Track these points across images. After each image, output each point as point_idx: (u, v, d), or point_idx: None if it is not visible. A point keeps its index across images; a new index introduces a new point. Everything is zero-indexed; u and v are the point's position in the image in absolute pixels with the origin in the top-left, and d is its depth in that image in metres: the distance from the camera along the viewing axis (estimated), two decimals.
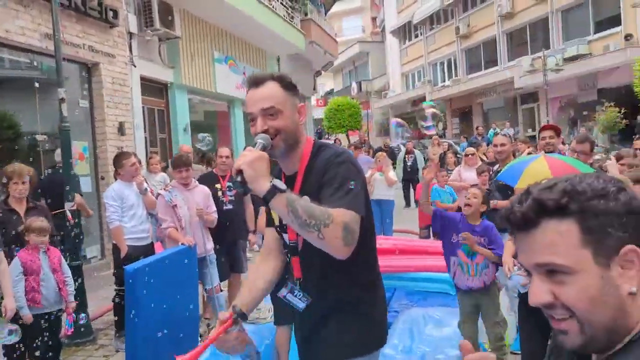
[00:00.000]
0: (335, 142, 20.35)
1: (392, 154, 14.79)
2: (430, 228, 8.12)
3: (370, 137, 32.39)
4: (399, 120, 9.67)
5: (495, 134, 16.63)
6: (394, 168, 13.52)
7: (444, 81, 30.23)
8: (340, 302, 1.97)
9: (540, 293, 0.92)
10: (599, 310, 0.89)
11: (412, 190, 13.20)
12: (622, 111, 17.14)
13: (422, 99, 30.60)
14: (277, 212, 1.78)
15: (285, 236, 2.01)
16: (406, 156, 13.19)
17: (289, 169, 1.97)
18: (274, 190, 1.69)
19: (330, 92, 42.77)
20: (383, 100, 35.87)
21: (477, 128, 20.77)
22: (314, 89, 21.11)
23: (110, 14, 8.26)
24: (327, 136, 29.93)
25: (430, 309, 4.72)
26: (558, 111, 22.54)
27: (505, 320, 4.06)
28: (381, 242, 5.86)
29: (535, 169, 3.60)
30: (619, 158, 5.19)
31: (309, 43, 16.00)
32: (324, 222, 1.68)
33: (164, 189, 5.18)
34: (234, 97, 12.79)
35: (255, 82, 1.91)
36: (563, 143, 10.72)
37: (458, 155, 12.34)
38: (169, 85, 10.46)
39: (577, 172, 1.07)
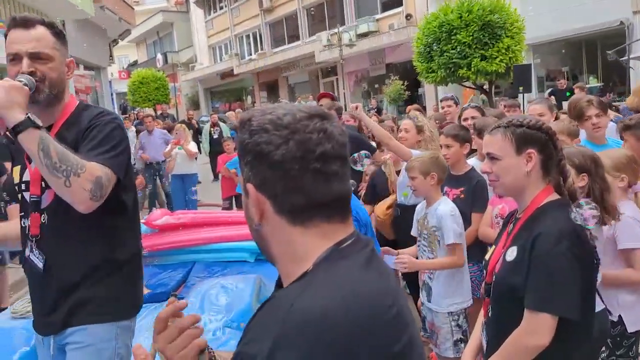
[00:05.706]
0: (137, 116, 19.25)
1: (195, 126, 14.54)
2: (234, 199, 8.26)
3: (181, 111, 31.34)
4: None
5: None
6: (201, 142, 13.33)
7: (251, 54, 30.44)
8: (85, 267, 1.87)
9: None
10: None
11: None
12: (405, 84, 19.20)
13: (231, 71, 30.50)
14: (27, 149, 1.63)
15: (27, 194, 1.87)
16: (212, 129, 13.04)
17: (46, 120, 1.79)
18: (28, 123, 1.58)
19: (134, 64, 40.09)
20: (191, 73, 34.85)
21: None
22: (111, 58, 19.55)
23: None
24: (133, 111, 28.21)
25: (223, 279, 4.76)
26: (354, 84, 24.34)
27: None
28: (180, 216, 5.77)
29: None
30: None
31: (99, 8, 14.68)
32: (75, 171, 1.61)
33: None
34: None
35: (24, 23, 1.78)
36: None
37: None
38: None
39: None
